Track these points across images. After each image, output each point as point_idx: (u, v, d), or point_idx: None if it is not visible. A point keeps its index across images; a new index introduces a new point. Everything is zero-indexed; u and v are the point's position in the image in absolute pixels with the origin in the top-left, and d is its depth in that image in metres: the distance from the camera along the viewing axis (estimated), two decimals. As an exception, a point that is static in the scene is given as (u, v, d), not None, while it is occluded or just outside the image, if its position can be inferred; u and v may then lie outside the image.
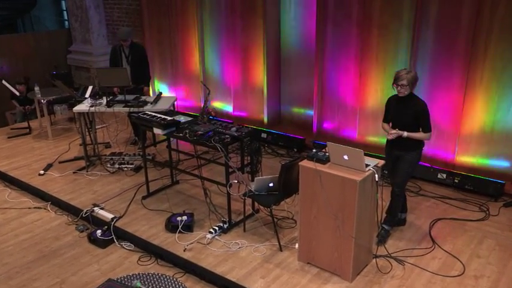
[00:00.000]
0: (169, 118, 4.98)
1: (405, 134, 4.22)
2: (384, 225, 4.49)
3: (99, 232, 4.72)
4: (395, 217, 4.55)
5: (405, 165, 4.34)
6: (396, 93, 4.28)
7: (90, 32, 9.31)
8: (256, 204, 4.94)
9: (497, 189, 5.29)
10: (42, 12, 12.71)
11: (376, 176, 3.85)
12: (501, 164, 5.44)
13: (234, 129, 4.78)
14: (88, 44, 9.45)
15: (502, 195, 5.32)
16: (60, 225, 5.05)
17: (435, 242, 4.52)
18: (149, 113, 5.22)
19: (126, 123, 7.38)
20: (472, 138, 5.54)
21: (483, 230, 4.75)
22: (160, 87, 8.57)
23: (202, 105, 7.01)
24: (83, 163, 6.35)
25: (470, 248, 4.45)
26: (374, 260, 4.20)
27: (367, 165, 3.82)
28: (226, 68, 7.62)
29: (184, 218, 4.79)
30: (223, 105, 7.85)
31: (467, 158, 5.64)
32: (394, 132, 4.24)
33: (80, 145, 6.80)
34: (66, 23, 10.33)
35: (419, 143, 4.36)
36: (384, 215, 4.59)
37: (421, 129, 4.28)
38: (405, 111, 4.25)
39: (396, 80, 4.18)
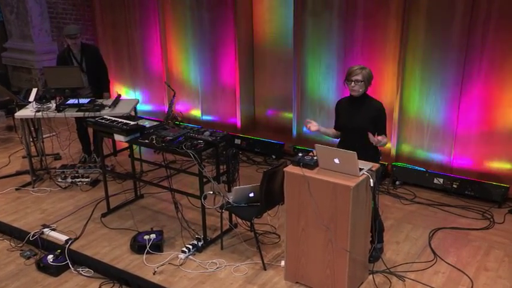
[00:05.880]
0: (132, 123, 4.89)
1: (381, 142, 4.08)
2: (372, 244, 4.41)
3: (50, 257, 4.57)
4: (382, 231, 4.53)
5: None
6: (342, 97, 4.29)
7: (30, 27, 9.06)
8: (234, 217, 4.89)
9: (501, 194, 5.39)
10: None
11: (371, 180, 3.86)
12: (504, 166, 5.55)
13: (207, 133, 4.74)
14: (28, 40, 9.20)
15: (506, 200, 5.43)
16: (0, 252, 4.86)
17: (436, 254, 4.56)
18: (108, 117, 5.12)
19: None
20: (470, 138, 5.65)
21: (489, 239, 4.82)
22: (117, 89, 8.43)
23: (166, 109, 6.95)
24: (27, 178, 6.18)
25: (477, 260, 4.50)
26: (371, 276, 4.21)
27: (360, 169, 3.82)
28: (193, 67, 7.58)
29: (153, 236, 4.71)
30: (190, 109, 7.79)
31: (466, 161, 5.75)
32: (378, 139, 4.07)
33: (24, 157, 6.65)
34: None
35: (377, 151, 4.26)
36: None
37: (377, 134, 4.14)
38: (360, 113, 4.16)
39: (349, 76, 4.12)
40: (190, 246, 4.62)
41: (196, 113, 7.74)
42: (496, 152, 5.55)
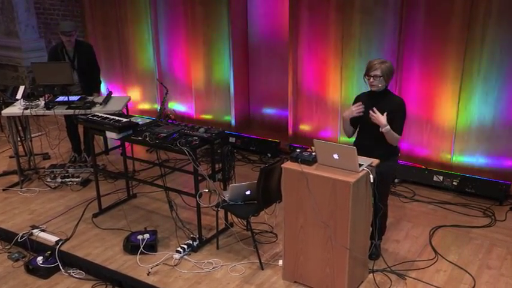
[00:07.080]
0: (124, 119, 4.88)
1: (388, 127, 4.02)
2: (372, 241, 4.41)
3: (40, 259, 4.54)
4: (383, 228, 4.55)
5: (386, 176, 4.16)
6: (365, 90, 4.29)
7: (16, 22, 8.99)
8: (230, 216, 4.89)
9: (502, 191, 5.42)
10: None
11: (371, 176, 3.86)
12: (504, 162, 5.58)
13: (202, 130, 4.74)
14: (14, 36, 9.13)
15: (507, 197, 5.46)
16: (-14, 254, 4.83)
17: (437, 252, 4.58)
18: (100, 114, 5.11)
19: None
20: (470, 135, 5.68)
21: (490, 237, 4.85)
22: (108, 87, 8.40)
23: (159, 108, 6.93)
24: (15, 178, 6.14)
25: (479, 258, 4.53)
26: (371, 275, 4.21)
27: (360, 165, 3.83)
28: (185, 64, 7.56)
29: (146, 236, 4.70)
30: (183, 107, 7.77)
31: (466, 158, 5.77)
32: (376, 115, 4.02)
33: (11, 157, 6.62)
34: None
35: (396, 148, 4.27)
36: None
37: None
38: (378, 109, 4.09)
39: (368, 70, 4.10)
40: (185, 246, 4.61)
41: (189, 111, 7.72)
42: (496, 148, 5.58)
